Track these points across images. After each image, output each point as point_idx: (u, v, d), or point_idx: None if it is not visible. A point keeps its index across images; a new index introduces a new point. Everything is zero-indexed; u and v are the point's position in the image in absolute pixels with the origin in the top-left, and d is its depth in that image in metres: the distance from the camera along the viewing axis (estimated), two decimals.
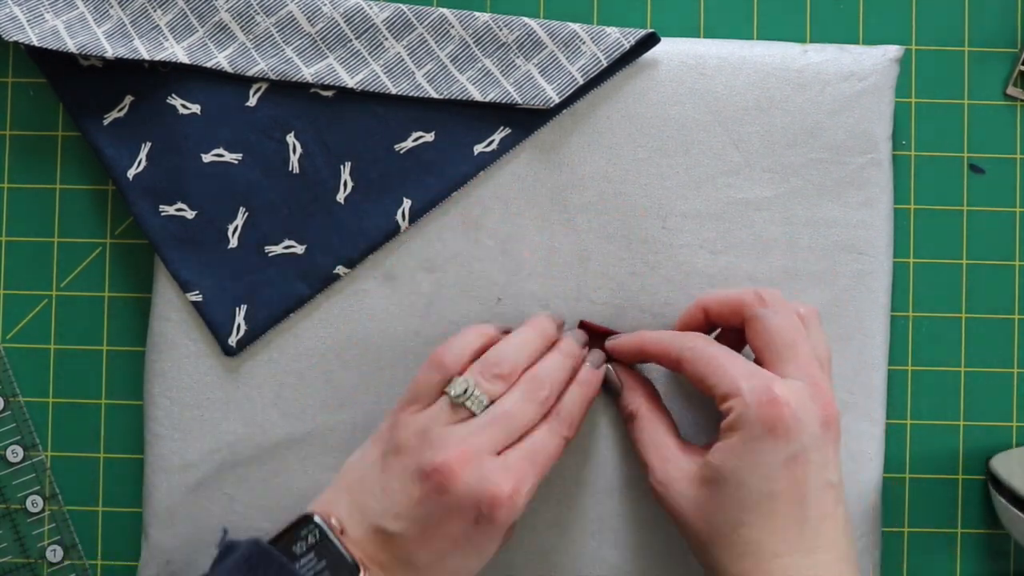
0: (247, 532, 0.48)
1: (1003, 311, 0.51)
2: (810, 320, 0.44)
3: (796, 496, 0.40)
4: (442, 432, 0.42)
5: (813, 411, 0.40)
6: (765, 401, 0.40)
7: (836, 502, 0.40)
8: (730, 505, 0.40)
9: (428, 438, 0.42)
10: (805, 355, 0.42)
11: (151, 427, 0.49)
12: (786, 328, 0.42)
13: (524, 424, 0.43)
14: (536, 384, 0.43)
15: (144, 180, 0.48)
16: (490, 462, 0.41)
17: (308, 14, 0.48)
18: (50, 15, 0.48)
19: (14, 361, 0.51)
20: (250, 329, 0.48)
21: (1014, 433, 0.51)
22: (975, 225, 0.51)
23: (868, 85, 0.48)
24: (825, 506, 0.40)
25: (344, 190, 0.48)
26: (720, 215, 0.48)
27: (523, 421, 0.43)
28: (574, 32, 0.48)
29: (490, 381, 0.43)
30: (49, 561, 0.50)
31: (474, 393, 0.42)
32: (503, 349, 0.44)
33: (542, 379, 0.43)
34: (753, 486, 0.40)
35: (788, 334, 0.42)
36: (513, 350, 0.44)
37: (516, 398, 0.43)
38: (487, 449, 0.41)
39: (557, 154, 0.49)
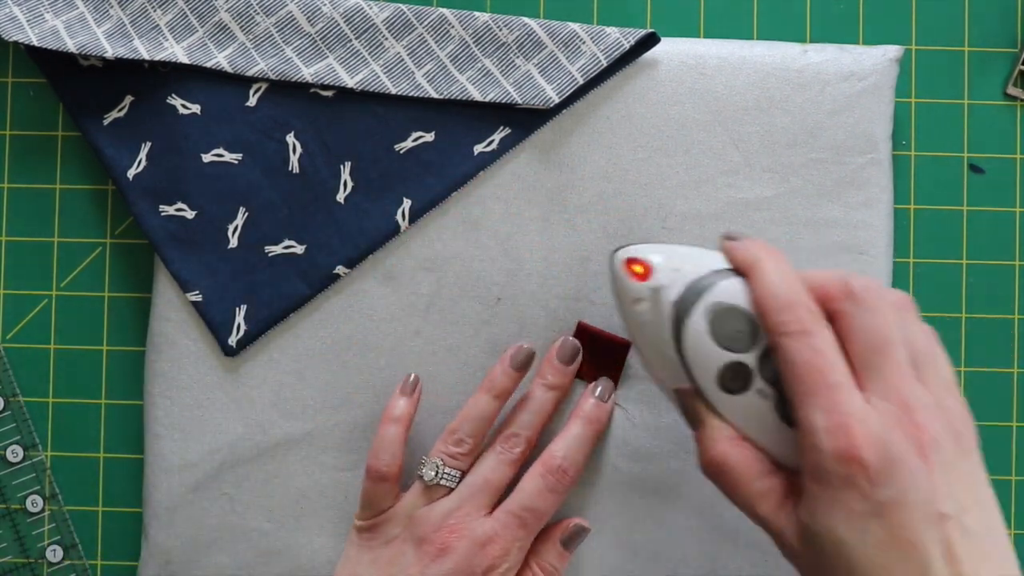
0: (247, 532, 0.48)
1: (1003, 311, 0.51)
2: (906, 313, 0.38)
3: (903, 544, 0.34)
4: (426, 512, 0.44)
5: (903, 444, 0.35)
6: (843, 450, 0.34)
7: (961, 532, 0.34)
8: (838, 565, 0.35)
9: (414, 520, 0.44)
10: (895, 365, 0.36)
11: (151, 427, 0.49)
12: (874, 331, 0.36)
13: (505, 483, 0.45)
14: (510, 443, 0.45)
15: (144, 180, 0.48)
16: (479, 525, 0.43)
17: (308, 14, 0.48)
18: (50, 15, 0.48)
19: (14, 361, 0.51)
20: (250, 329, 0.48)
21: (1014, 433, 0.51)
22: (975, 225, 0.51)
23: (868, 85, 0.48)
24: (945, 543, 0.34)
25: (344, 190, 0.48)
26: (720, 215, 0.48)
27: (503, 482, 0.45)
28: (574, 32, 0.48)
29: (455, 458, 0.45)
30: (49, 561, 0.50)
31: (445, 471, 0.45)
32: (459, 423, 0.45)
33: (516, 434, 0.45)
34: (851, 542, 0.35)
35: (876, 339, 0.36)
36: (469, 423, 0.45)
37: (490, 463, 0.45)
38: (473, 514, 0.44)
39: (557, 154, 0.49)
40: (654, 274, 0.40)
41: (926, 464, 0.35)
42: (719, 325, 0.39)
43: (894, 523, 0.34)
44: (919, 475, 0.34)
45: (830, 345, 0.36)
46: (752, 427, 0.39)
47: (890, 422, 0.35)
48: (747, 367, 0.39)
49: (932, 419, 0.35)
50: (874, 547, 0.34)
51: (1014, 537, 0.50)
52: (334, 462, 0.48)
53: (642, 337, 0.41)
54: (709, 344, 0.39)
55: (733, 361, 0.38)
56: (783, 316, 0.37)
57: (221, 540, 0.48)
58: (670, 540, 0.48)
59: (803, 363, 0.36)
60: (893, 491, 0.34)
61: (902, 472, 0.34)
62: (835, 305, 0.37)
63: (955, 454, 0.36)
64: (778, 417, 0.38)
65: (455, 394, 0.48)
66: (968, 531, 0.35)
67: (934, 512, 0.34)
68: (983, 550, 0.35)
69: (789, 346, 0.36)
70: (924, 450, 0.35)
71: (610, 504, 0.48)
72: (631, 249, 0.41)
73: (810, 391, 0.36)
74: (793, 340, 0.36)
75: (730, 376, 0.39)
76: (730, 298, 0.39)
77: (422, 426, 0.48)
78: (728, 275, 0.39)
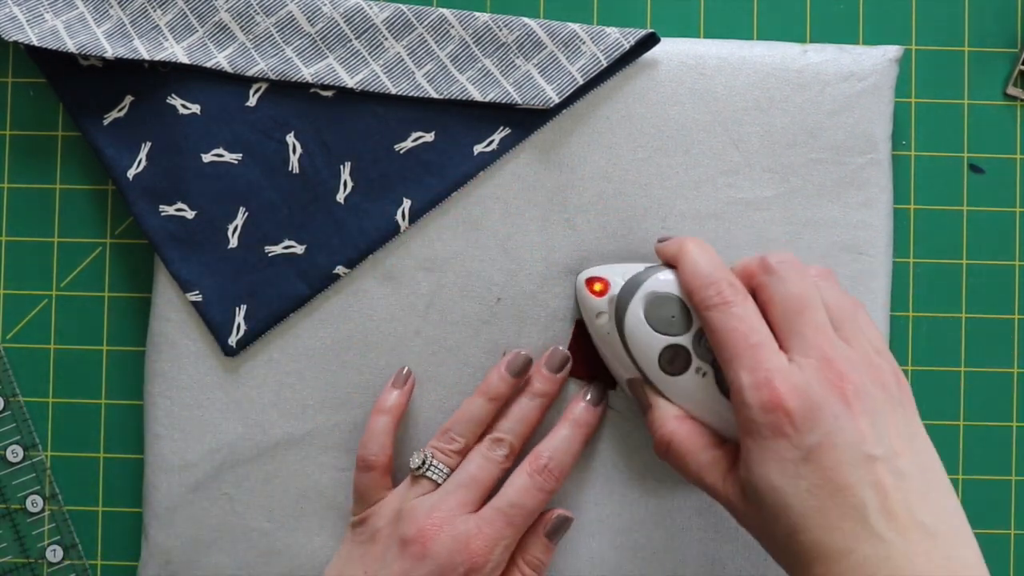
0: (247, 532, 0.48)
1: (1003, 311, 0.51)
2: (826, 281, 0.41)
3: (834, 487, 0.36)
4: (412, 505, 0.44)
5: (823, 391, 0.37)
6: (767, 401, 0.37)
7: (894, 473, 0.36)
8: (778, 514, 0.37)
9: (400, 516, 0.44)
10: (814, 324, 0.39)
11: (151, 427, 0.49)
12: (791, 295, 0.39)
13: (492, 482, 0.45)
14: (495, 446, 0.45)
15: (144, 180, 0.48)
16: (463, 523, 0.43)
17: (308, 14, 0.48)
18: (50, 15, 0.48)
19: (14, 361, 0.51)
20: (250, 329, 0.48)
21: (1014, 433, 0.51)
22: (975, 225, 0.51)
23: (868, 85, 0.48)
24: (877, 484, 0.36)
25: (344, 190, 0.48)
26: (720, 215, 0.48)
27: (489, 480, 0.45)
28: (574, 32, 0.48)
29: (447, 454, 0.45)
30: (49, 561, 0.50)
31: (433, 464, 0.45)
32: (453, 423, 0.46)
33: (500, 439, 0.46)
34: (787, 489, 0.37)
35: (793, 302, 0.39)
36: (461, 424, 0.46)
37: (477, 461, 0.45)
38: (458, 511, 0.44)
39: (557, 154, 0.49)
40: (611, 288, 0.44)
41: (850, 410, 0.37)
42: (654, 312, 0.43)
43: (824, 466, 0.36)
44: (843, 419, 0.37)
45: (751, 312, 0.39)
46: (696, 404, 0.43)
47: (811, 373, 0.37)
48: (684, 348, 0.42)
49: (854, 370, 0.38)
50: (807, 491, 0.36)
51: (1014, 537, 0.50)
52: (334, 462, 0.48)
53: (605, 347, 0.45)
54: (647, 331, 0.43)
55: (671, 344, 0.43)
56: (706, 292, 0.40)
57: (221, 540, 0.48)
58: (670, 540, 0.48)
59: (726, 330, 0.39)
60: (818, 435, 0.36)
61: (825, 417, 0.36)
62: (755, 280, 0.41)
63: (884, 403, 0.38)
64: (718, 392, 0.42)
65: (455, 394, 0.48)
66: (901, 472, 0.36)
67: (862, 454, 0.36)
68: (918, 490, 0.36)
69: (713, 317, 0.40)
70: (847, 397, 0.37)
71: (610, 504, 0.48)
72: (592, 270, 0.46)
73: (735, 354, 0.39)
74: (716, 311, 0.40)
75: (669, 358, 0.43)
76: (662, 287, 0.43)
77: (422, 426, 0.48)
78: (661, 269, 0.44)
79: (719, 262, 0.42)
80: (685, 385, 0.42)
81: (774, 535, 0.38)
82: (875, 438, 0.37)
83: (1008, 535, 0.50)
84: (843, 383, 0.37)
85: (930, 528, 0.36)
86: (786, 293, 0.39)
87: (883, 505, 0.36)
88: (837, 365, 0.38)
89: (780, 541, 0.37)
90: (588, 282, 0.45)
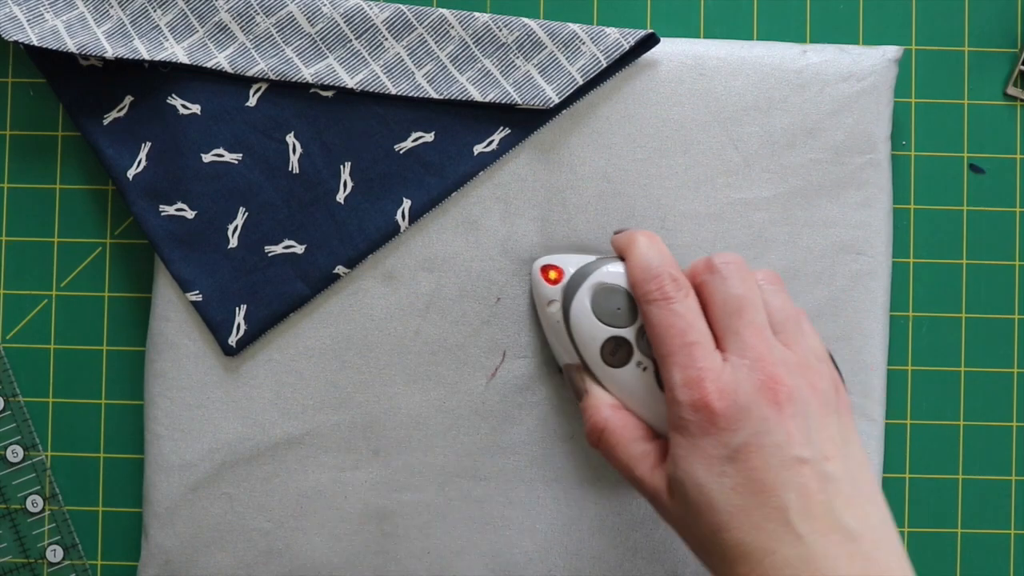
0: (247, 532, 0.48)
1: (1003, 311, 0.51)
2: (769, 283, 0.41)
3: (759, 487, 0.36)
4: None
5: (752, 393, 0.37)
6: (695, 400, 0.37)
7: (821, 477, 0.36)
8: (702, 511, 0.37)
9: None
10: (750, 325, 0.39)
11: (151, 427, 0.49)
12: (731, 295, 0.39)
13: None
14: None
15: (144, 180, 0.48)
16: None
17: (308, 14, 0.48)
18: (50, 15, 0.48)
19: (14, 361, 0.51)
20: (250, 329, 0.48)
21: (1014, 433, 0.51)
22: (975, 225, 0.51)
23: (867, 86, 0.48)
24: (803, 486, 0.36)
25: (344, 190, 0.48)
26: (719, 215, 0.48)
27: None
28: (574, 32, 0.48)
29: None
30: (49, 561, 0.50)
31: None
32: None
33: None
34: (711, 487, 0.37)
35: (732, 303, 0.39)
36: None
37: None
38: None
39: (557, 154, 0.49)
40: (564, 277, 0.45)
41: (780, 412, 0.37)
42: (600, 303, 0.43)
43: (749, 466, 0.36)
44: (771, 421, 0.37)
45: (690, 309, 0.40)
46: (633, 397, 0.43)
47: (742, 374, 0.38)
48: (627, 341, 0.43)
49: (788, 373, 0.38)
50: (732, 490, 0.37)
51: (1014, 537, 0.50)
52: (334, 462, 0.48)
53: (552, 335, 0.45)
54: (592, 321, 0.43)
55: (614, 336, 0.43)
56: (648, 286, 0.41)
57: (221, 540, 0.48)
58: (670, 540, 0.48)
59: (664, 326, 0.39)
60: (744, 436, 0.37)
61: (752, 418, 0.37)
62: (698, 278, 0.41)
63: (818, 407, 0.38)
64: (656, 387, 0.42)
65: (455, 394, 0.48)
66: (828, 476, 0.36)
67: (789, 456, 0.36)
68: (845, 494, 0.36)
69: (652, 312, 0.40)
70: (778, 399, 0.37)
71: (610, 504, 0.48)
72: (547, 257, 0.46)
73: (670, 351, 0.39)
74: (655, 306, 0.40)
75: (611, 350, 0.43)
76: (610, 279, 0.43)
77: (422, 425, 0.48)
78: (613, 260, 0.44)
79: (667, 257, 0.42)
80: (624, 377, 0.43)
81: (697, 533, 0.38)
82: (804, 441, 0.37)
83: (1008, 535, 0.50)
84: (776, 385, 0.37)
85: (853, 532, 0.36)
86: (727, 293, 0.40)
87: (806, 507, 0.36)
88: (771, 367, 0.38)
89: (703, 539, 0.38)
90: (543, 270, 0.45)
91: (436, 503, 0.48)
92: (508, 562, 0.48)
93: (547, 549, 0.48)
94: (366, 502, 0.48)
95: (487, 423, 0.48)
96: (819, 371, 0.39)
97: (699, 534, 0.38)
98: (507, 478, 0.48)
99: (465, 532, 0.48)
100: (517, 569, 0.48)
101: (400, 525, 0.48)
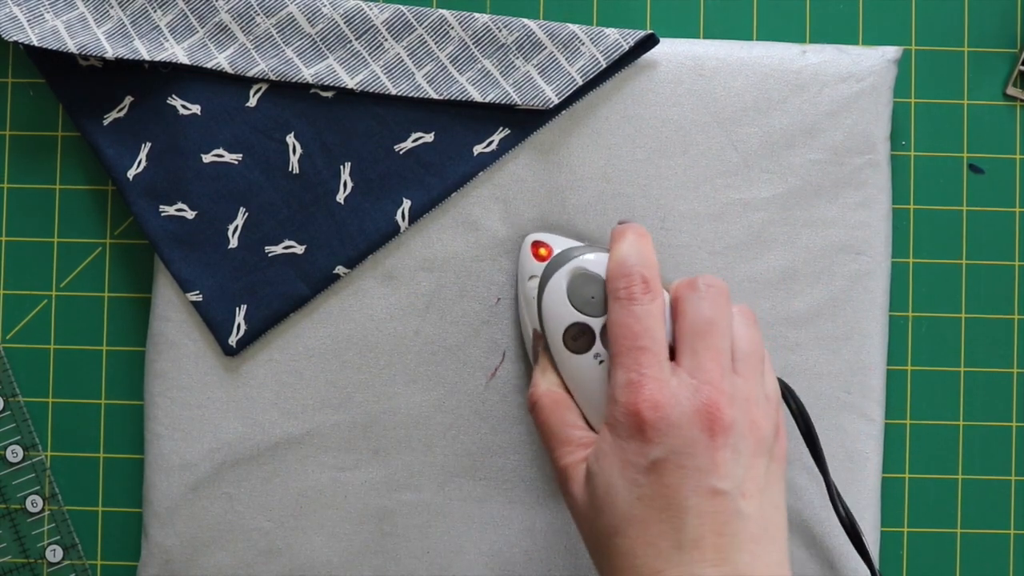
0: (247, 532, 0.48)
1: (1003, 311, 0.51)
2: (747, 319, 0.41)
3: (666, 504, 0.36)
4: None
5: (689, 413, 0.37)
6: (633, 401, 0.37)
7: (731, 512, 0.36)
8: (604, 509, 0.37)
9: None
10: (711, 349, 0.39)
11: (151, 427, 0.49)
12: (701, 318, 0.39)
13: None
14: None
15: (144, 180, 0.49)
16: None
17: (308, 15, 0.49)
18: (50, 15, 0.48)
19: (14, 361, 0.51)
20: (250, 329, 0.48)
21: (1014, 433, 0.51)
22: (975, 225, 0.51)
23: (866, 86, 0.48)
24: (711, 516, 0.36)
25: (344, 190, 0.49)
26: (719, 215, 0.48)
27: None
28: (573, 33, 0.48)
29: None
30: (49, 561, 0.50)
31: None
32: None
33: None
34: (621, 489, 0.37)
35: (700, 323, 0.39)
36: None
37: None
38: None
39: (556, 155, 0.49)
40: (553, 256, 0.45)
41: (711, 440, 0.37)
42: (576, 288, 0.43)
43: (662, 482, 0.36)
44: (699, 445, 0.36)
45: (650, 315, 0.39)
46: (581, 386, 0.43)
47: (684, 392, 0.37)
48: (591, 330, 0.42)
49: (731, 404, 0.37)
50: (639, 499, 0.37)
51: (1014, 537, 0.50)
52: (334, 462, 0.48)
53: (523, 304, 0.46)
54: (563, 303, 0.43)
55: (580, 322, 0.43)
56: (618, 283, 0.40)
57: (221, 539, 0.48)
58: None
59: (621, 325, 0.39)
60: (665, 451, 0.36)
61: (679, 437, 0.36)
62: (678, 292, 0.41)
63: (752, 445, 0.37)
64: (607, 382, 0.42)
65: (455, 394, 0.48)
66: (741, 513, 0.36)
67: (706, 484, 0.36)
68: (750, 534, 0.36)
69: (614, 308, 0.40)
70: (713, 427, 0.37)
71: None
72: (540, 234, 0.47)
73: (620, 350, 0.39)
74: (618, 304, 0.40)
75: (574, 335, 0.43)
76: (590, 266, 0.43)
77: (422, 425, 0.48)
78: (598, 249, 0.44)
79: (647, 258, 0.41)
80: (579, 364, 0.43)
81: (595, 529, 0.38)
82: (726, 474, 0.36)
83: (1008, 535, 0.50)
84: (715, 412, 0.37)
85: (743, 572, 0.36)
86: (698, 312, 0.39)
87: (702, 536, 0.36)
88: (716, 394, 0.37)
89: (599, 537, 0.38)
90: (534, 245, 0.46)
91: (436, 503, 0.48)
92: (508, 562, 0.48)
93: (547, 549, 0.48)
94: (366, 502, 0.48)
95: (487, 423, 0.48)
96: (764, 411, 0.39)
97: (596, 531, 0.38)
98: (507, 478, 0.48)
99: (465, 532, 0.48)
100: (517, 569, 0.48)
101: (400, 525, 0.48)
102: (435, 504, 0.48)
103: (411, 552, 0.48)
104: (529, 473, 0.48)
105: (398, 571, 0.48)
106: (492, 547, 0.48)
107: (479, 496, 0.49)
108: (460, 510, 0.48)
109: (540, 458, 0.48)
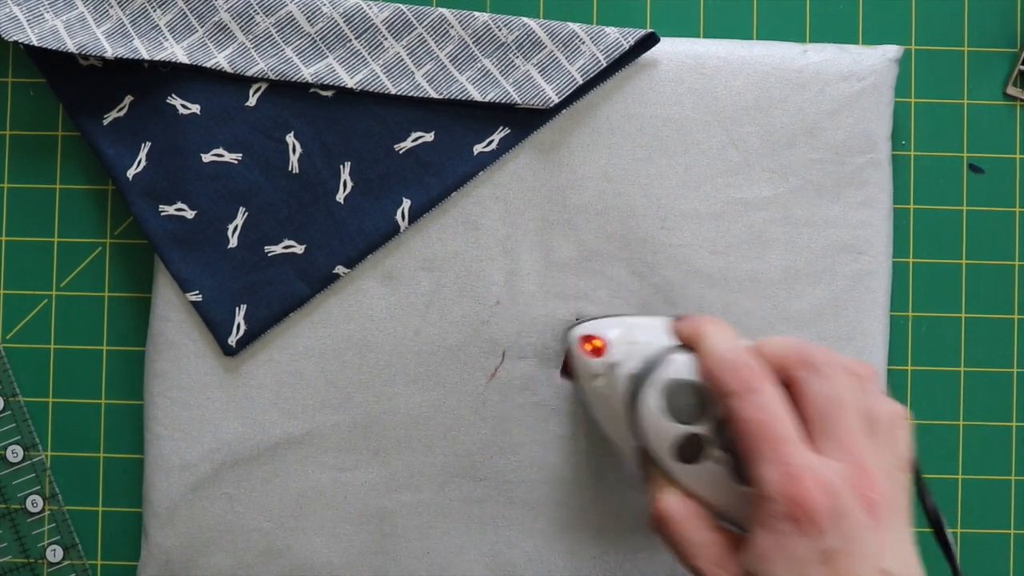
0: (247, 532, 0.48)
1: (1003, 311, 0.51)
2: (864, 381, 0.39)
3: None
4: None
5: (851, 498, 0.35)
6: (792, 496, 0.35)
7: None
8: None
9: None
10: (848, 429, 0.37)
11: (151, 427, 0.49)
12: (827, 396, 0.37)
13: None
14: None
15: (144, 180, 0.48)
16: None
17: (308, 14, 0.48)
18: (50, 15, 0.48)
19: (14, 361, 0.51)
20: (250, 329, 0.48)
21: (1014, 433, 0.51)
22: (975, 225, 0.51)
23: (867, 85, 0.48)
24: None
25: (344, 190, 0.48)
26: (719, 215, 0.48)
27: None
28: (573, 32, 0.48)
29: None
30: (49, 561, 0.50)
31: None
32: None
33: None
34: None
35: (829, 403, 0.37)
36: None
37: None
38: None
39: (556, 154, 0.49)
40: (608, 350, 0.42)
41: (876, 521, 0.35)
42: (672, 400, 0.40)
43: (839, 571, 0.35)
44: (867, 530, 0.35)
45: (776, 401, 0.37)
46: (705, 490, 0.40)
47: (841, 476, 0.36)
48: (701, 437, 0.40)
49: (884, 479, 0.36)
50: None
51: (1014, 537, 0.50)
52: (334, 462, 0.48)
53: (600, 410, 0.43)
54: (663, 419, 0.40)
55: (687, 433, 0.40)
56: (727, 378, 0.38)
57: (221, 540, 0.48)
58: None
59: (749, 420, 0.37)
60: (839, 540, 0.35)
61: (850, 523, 0.35)
62: (791, 372, 0.38)
63: (903, 518, 0.37)
64: (731, 480, 0.40)
65: (455, 394, 0.48)
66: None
67: (878, 568, 0.35)
68: None
69: (735, 406, 0.38)
70: (875, 507, 0.36)
71: (610, 504, 0.48)
72: (586, 326, 0.43)
73: (758, 446, 0.37)
74: (738, 400, 0.38)
75: (684, 446, 0.40)
76: (680, 373, 0.40)
77: (422, 425, 0.48)
78: (678, 350, 0.41)
79: (740, 346, 0.39)
80: (697, 472, 0.40)
81: None
82: (893, 554, 0.36)
83: (1008, 535, 0.50)
84: (873, 493, 0.36)
85: None
86: (823, 392, 0.38)
87: None
88: (869, 472, 0.36)
89: None
90: (583, 340, 0.43)
91: (436, 503, 0.48)
92: (508, 562, 0.48)
93: (547, 549, 0.48)
94: (366, 502, 0.48)
95: (487, 423, 0.48)
96: (902, 482, 0.38)
97: None
98: (507, 478, 0.48)
99: (465, 532, 0.48)
100: (517, 569, 0.48)
101: (400, 525, 0.48)
102: (435, 504, 0.48)
103: (411, 552, 0.48)
104: (529, 473, 0.48)
105: (398, 571, 0.48)
106: (492, 547, 0.48)
107: (479, 496, 0.48)
108: (460, 510, 0.48)
109: (540, 458, 0.48)
